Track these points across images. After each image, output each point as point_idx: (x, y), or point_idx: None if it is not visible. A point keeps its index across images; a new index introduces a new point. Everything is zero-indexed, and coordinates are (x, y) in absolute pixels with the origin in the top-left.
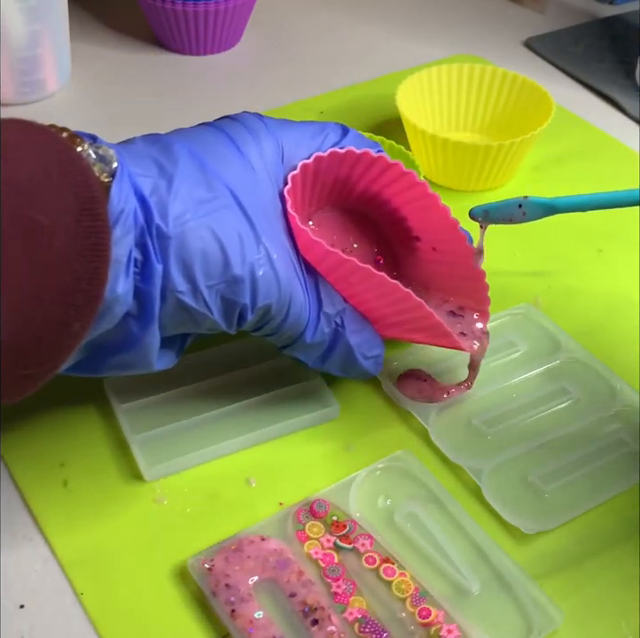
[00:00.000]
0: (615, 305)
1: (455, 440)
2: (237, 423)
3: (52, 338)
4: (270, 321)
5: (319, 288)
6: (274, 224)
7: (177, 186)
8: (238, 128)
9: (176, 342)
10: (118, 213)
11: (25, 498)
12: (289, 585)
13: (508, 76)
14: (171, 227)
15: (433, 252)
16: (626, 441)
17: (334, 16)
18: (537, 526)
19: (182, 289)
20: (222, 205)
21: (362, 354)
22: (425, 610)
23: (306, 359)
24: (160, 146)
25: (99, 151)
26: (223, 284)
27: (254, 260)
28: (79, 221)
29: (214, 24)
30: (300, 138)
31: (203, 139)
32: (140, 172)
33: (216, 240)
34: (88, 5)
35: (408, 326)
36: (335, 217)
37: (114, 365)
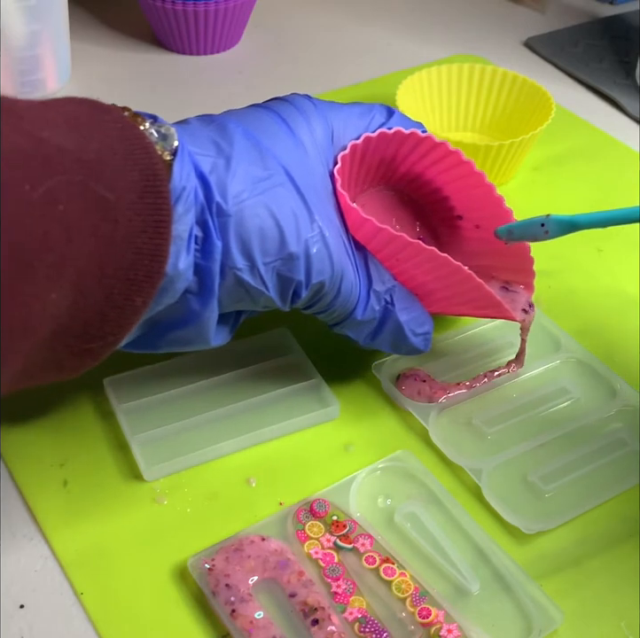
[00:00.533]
0: (615, 305)
1: (455, 440)
2: (237, 423)
3: (115, 313)
4: (323, 298)
5: (369, 266)
6: (325, 203)
7: (235, 165)
8: (288, 109)
9: (230, 319)
10: (180, 190)
11: (25, 498)
12: (289, 585)
13: (508, 76)
14: (230, 205)
15: (476, 229)
16: (626, 441)
17: (334, 16)
18: (537, 526)
19: (240, 266)
20: (277, 183)
21: (412, 330)
22: (425, 610)
23: (356, 336)
24: (215, 126)
25: (161, 129)
26: (279, 261)
27: (309, 238)
28: (142, 198)
29: (214, 24)
30: (348, 119)
31: (256, 119)
32: (199, 151)
33: (273, 218)
34: (88, 5)
35: (456, 299)
36: (378, 198)
37: (172, 341)
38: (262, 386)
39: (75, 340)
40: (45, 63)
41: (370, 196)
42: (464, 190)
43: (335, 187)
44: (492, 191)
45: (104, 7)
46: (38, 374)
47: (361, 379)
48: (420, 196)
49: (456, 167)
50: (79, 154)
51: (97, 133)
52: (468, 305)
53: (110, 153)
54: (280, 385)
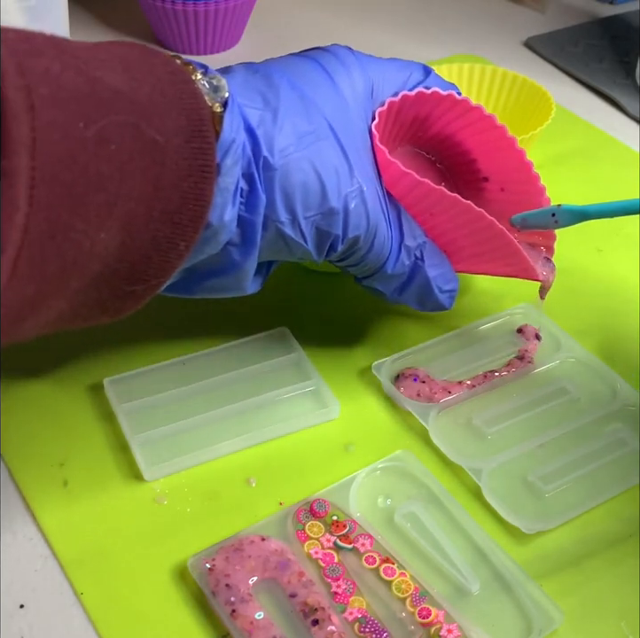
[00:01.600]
0: (615, 305)
1: (455, 440)
2: (237, 423)
3: (159, 257)
4: (356, 251)
5: (401, 221)
6: (362, 156)
7: (282, 119)
8: (331, 60)
9: (263, 268)
10: (229, 142)
11: (25, 498)
12: (289, 585)
13: (508, 76)
14: (277, 159)
15: (500, 192)
16: (626, 441)
17: (334, 16)
18: (537, 526)
19: (283, 219)
20: (321, 137)
21: (439, 287)
22: (425, 610)
23: (385, 289)
24: (260, 76)
25: (213, 81)
26: (320, 216)
27: (348, 193)
28: (189, 143)
29: (214, 24)
30: (387, 73)
31: (300, 68)
32: (246, 103)
33: (316, 173)
34: (88, 5)
35: (486, 257)
36: (405, 158)
37: (209, 288)
38: (262, 386)
39: (120, 282)
40: None
41: (400, 155)
42: (493, 152)
43: (373, 142)
44: (522, 156)
45: (104, 7)
46: (84, 313)
47: (361, 379)
48: (447, 157)
49: (488, 130)
50: (131, 96)
51: (148, 76)
52: (496, 262)
53: (160, 96)
54: (280, 385)
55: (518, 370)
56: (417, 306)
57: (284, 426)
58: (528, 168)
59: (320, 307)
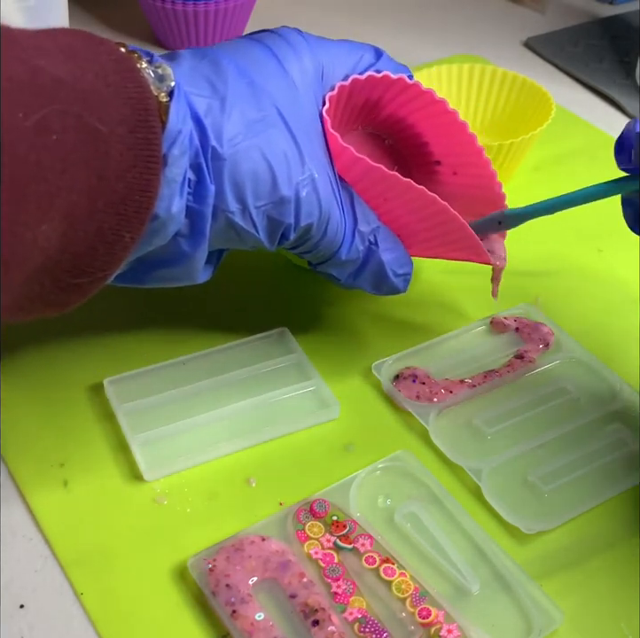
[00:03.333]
0: (615, 305)
1: (455, 440)
2: (237, 423)
3: (104, 249)
4: (309, 239)
5: (354, 206)
6: (314, 143)
7: (230, 107)
8: (280, 43)
9: (214, 256)
10: (176, 132)
11: (25, 498)
12: (290, 586)
13: (508, 76)
14: (225, 148)
15: (453, 176)
16: (626, 441)
17: (334, 16)
18: (537, 526)
19: (233, 209)
20: (270, 124)
21: (393, 271)
22: (425, 610)
23: (339, 275)
24: (209, 61)
25: (158, 70)
26: (271, 205)
27: (300, 181)
28: (133, 132)
29: (214, 24)
30: (338, 57)
31: (249, 53)
32: (193, 91)
33: (265, 161)
34: (88, 5)
35: (439, 240)
36: (357, 141)
37: (159, 277)
38: (262, 386)
39: (64, 275)
40: None
41: (353, 137)
42: (444, 136)
43: (325, 127)
44: (473, 141)
45: (104, 7)
46: (27, 306)
47: (361, 379)
48: (400, 139)
49: (439, 115)
50: (74, 85)
51: (92, 64)
52: (449, 246)
53: (104, 85)
54: (280, 385)
55: (518, 370)
56: (372, 290)
57: (284, 426)
58: (479, 153)
59: (320, 307)
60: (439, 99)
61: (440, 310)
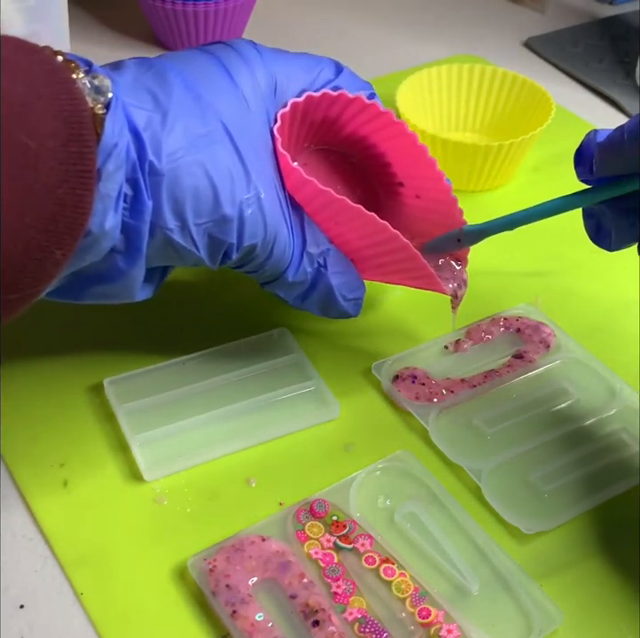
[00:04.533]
0: (615, 305)
1: (455, 440)
2: (236, 423)
3: (33, 265)
4: (254, 259)
5: (304, 227)
6: (263, 161)
7: (172, 121)
8: (232, 56)
9: (157, 274)
10: (111, 146)
11: (25, 498)
12: (290, 587)
13: (508, 76)
14: (164, 163)
15: (416, 199)
16: (626, 441)
17: (334, 16)
18: (537, 526)
19: (171, 226)
20: (215, 140)
21: (343, 295)
22: (425, 610)
23: (286, 296)
24: (154, 73)
25: (95, 81)
26: (212, 223)
27: (244, 200)
28: (66, 147)
29: (214, 24)
30: (294, 71)
31: (198, 66)
32: (134, 103)
33: (208, 178)
34: (88, 5)
35: (391, 268)
36: (320, 157)
37: (95, 294)
38: (262, 387)
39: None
40: None
41: (313, 155)
42: (406, 158)
43: (275, 146)
44: (433, 165)
45: (104, 7)
46: None
47: (361, 379)
48: (363, 158)
49: (399, 136)
50: (3, 97)
51: (22, 75)
52: (402, 274)
53: (35, 97)
54: (280, 385)
55: (518, 370)
56: (321, 313)
57: (284, 426)
58: (440, 178)
59: None
60: (397, 121)
61: (439, 310)
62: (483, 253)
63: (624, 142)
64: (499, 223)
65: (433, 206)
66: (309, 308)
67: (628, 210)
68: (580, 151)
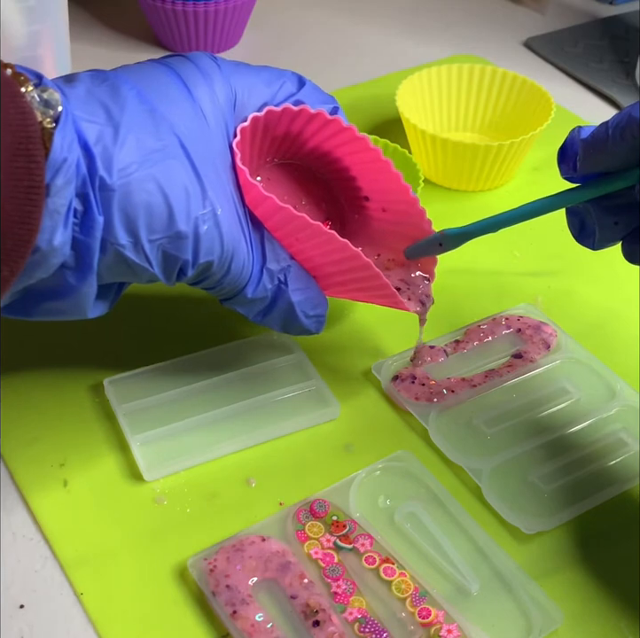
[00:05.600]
0: (615, 305)
1: (455, 440)
2: (237, 423)
3: None
4: (211, 276)
5: (264, 243)
6: (221, 176)
7: (124, 135)
8: (190, 69)
9: (112, 290)
10: (61, 161)
11: (25, 498)
12: (291, 587)
13: (508, 76)
14: (115, 179)
15: (382, 212)
16: (626, 441)
17: (334, 16)
18: (537, 526)
19: (123, 242)
20: (170, 155)
21: (304, 312)
22: (425, 610)
23: (246, 313)
24: (107, 86)
25: (44, 94)
26: (166, 239)
27: (199, 216)
28: (12, 162)
29: (214, 24)
30: (254, 85)
31: (154, 79)
32: (85, 117)
33: (162, 193)
34: (88, 5)
35: (354, 285)
36: (285, 171)
37: (47, 310)
38: (263, 386)
39: None
40: (45, 63)
41: (277, 169)
42: (371, 173)
43: (235, 161)
44: (399, 179)
45: (104, 7)
46: None
47: (361, 379)
48: (328, 173)
49: (363, 151)
50: None
51: None
52: (366, 292)
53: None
54: (280, 385)
55: (518, 370)
56: (281, 330)
57: (284, 426)
58: (406, 190)
59: None
60: (361, 136)
61: (439, 310)
62: (483, 253)
63: (608, 138)
64: (482, 225)
65: (401, 218)
66: (270, 325)
67: (612, 208)
68: (563, 148)
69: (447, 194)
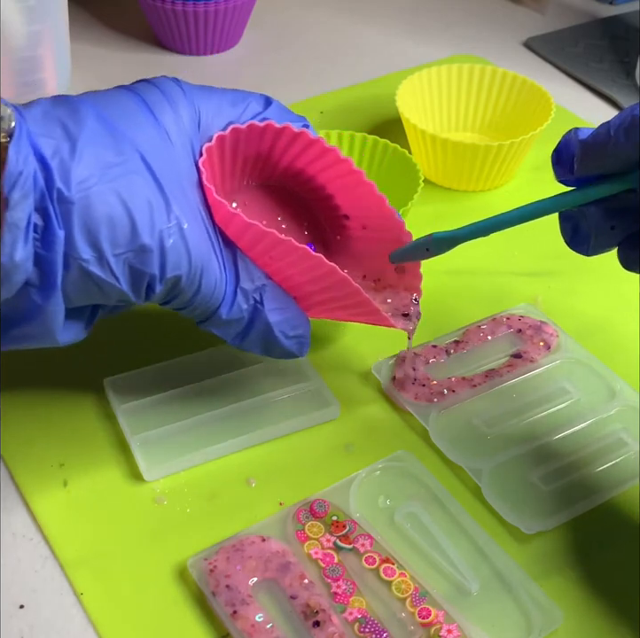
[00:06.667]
0: (615, 305)
1: (455, 440)
2: (237, 423)
3: None
4: (180, 293)
5: (237, 263)
6: (189, 195)
7: (81, 149)
8: (154, 93)
9: (85, 314)
10: (16, 175)
11: (25, 498)
12: (291, 588)
13: (508, 76)
14: (74, 191)
15: (363, 230)
16: (626, 441)
17: (334, 16)
18: (537, 526)
19: (86, 257)
20: (131, 170)
21: (283, 333)
22: (425, 610)
23: (223, 335)
24: (66, 107)
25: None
26: (131, 253)
27: (164, 229)
28: None
29: (214, 24)
30: (219, 106)
31: (116, 103)
32: (42, 132)
33: (124, 206)
34: (88, 5)
35: (334, 304)
36: (263, 194)
37: (16, 337)
38: (262, 387)
39: None
40: (45, 63)
41: (255, 191)
42: (347, 188)
43: (201, 180)
44: (373, 190)
45: (104, 7)
46: None
47: (361, 379)
48: (305, 193)
49: (335, 164)
50: None
51: None
52: (349, 310)
53: None
54: (280, 385)
55: (518, 370)
56: (263, 353)
57: (284, 426)
58: (381, 203)
59: None
60: (330, 147)
61: (439, 310)
62: (483, 253)
63: (610, 139)
64: (472, 229)
65: (380, 235)
66: (250, 348)
67: (609, 212)
68: (559, 149)
69: (447, 194)
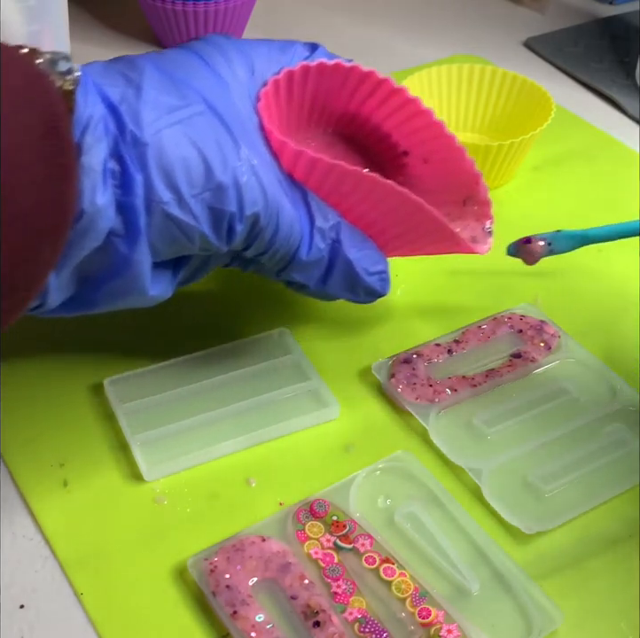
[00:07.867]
0: (615, 305)
1: (455, 440)
2: (237, 423)
3: (22, 267)
4: (260, 234)
5: (309, 203)
6: (253, 137)
7: (146, 93)
8: (206, 48)
9: (169, 269)
10: (87, 118)
11: (25, 498)
12: (291, 588)
13: (508, 76)
14: (146, 132)
15: (424, 165)
16: (626, 441)
17: (334, 16)
18: (537, 526)
19: (166, 199)
20: (196, 112)
21: (365, 269)
22: (425, 610)
23: (306, 280)
24: (125, 62)
25: (59, 62)
26: (209, 193)
27: (237, 166)
28: (43, 141)
29: (214, 24)
30: (269, 53)
31: (171, 57)
32: (107, 83)
33: (195, 147)
34: (88, 5)
35: (410, 236)
36: (321, 147)
37: (108, 294)
38: (262, 386)
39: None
40: None
41: (313, 143)
42: (404, 123)
43: (263, 124)
44: (431, 119)
45: (104, 7)
46: None
47: (361, 379)
48: (363, 136)
49: (399, 103)
50: None
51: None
52: (422, 240)
53: (7, 93)
54: (280, 385)
55: (518, 370)
56: (348, 294)
57: (284, 426)
58: (441, 129)
59: (320, 307)
60: (399, 87)
61: (439, 310)
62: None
63: None
64: (600, 232)
65: (443, 166)
66: (335, 292)
67: None
68: None
69: None
